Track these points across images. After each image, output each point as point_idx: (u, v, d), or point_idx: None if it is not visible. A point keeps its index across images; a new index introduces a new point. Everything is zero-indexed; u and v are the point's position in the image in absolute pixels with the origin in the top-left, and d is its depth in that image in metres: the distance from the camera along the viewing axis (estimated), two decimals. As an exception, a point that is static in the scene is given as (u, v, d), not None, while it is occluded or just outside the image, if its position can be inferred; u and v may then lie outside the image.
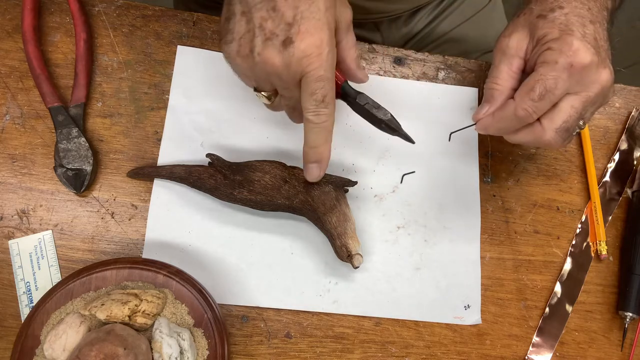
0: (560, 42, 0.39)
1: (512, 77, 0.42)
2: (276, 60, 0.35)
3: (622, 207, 0.54)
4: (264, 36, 0.35)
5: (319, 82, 0.36)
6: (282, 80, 0.37)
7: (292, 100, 0.39)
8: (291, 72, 0.36)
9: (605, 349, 0.51)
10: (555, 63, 0.38)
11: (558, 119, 0.40)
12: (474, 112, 0.44)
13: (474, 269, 0.50)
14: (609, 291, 0.52)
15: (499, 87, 0.42)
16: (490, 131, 0.43)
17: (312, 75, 0.36)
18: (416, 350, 0.48)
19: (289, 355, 0.47)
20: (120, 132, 0.49)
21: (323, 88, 0.37)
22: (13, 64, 0.49)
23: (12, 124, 0.48)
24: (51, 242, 0.46)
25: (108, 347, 0.37)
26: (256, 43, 0.36)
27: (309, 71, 0.36)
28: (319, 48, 0.35)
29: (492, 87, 0.42)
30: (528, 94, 0.39)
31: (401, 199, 0.51)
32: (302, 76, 0.36)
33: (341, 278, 0.48)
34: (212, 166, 0.47)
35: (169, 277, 0.43)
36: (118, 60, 0.51)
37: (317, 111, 0.38)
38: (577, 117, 0.40)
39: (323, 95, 0.37)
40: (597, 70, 0.39)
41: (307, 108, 0.38)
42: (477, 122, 0.43)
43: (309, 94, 0.37)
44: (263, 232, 0.49)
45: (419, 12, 0.69)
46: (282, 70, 0.36)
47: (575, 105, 0.39)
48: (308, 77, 0.36)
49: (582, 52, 0.38)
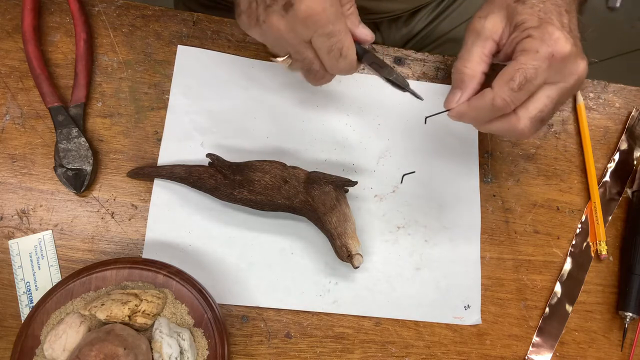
0: (540, 31, 0.38)
1: (483, 60, 0.41)
2: (280, 25, 0.36)
3: (622, 207, 0.54)
4: (265, 4, 0.36)
5: (332, 38, 0.36)
6: (291, 44, 0.37)
7: (306, 62, 0.39)
8: (298, 34, 0.36)
9: (605, 349, 0.51)
10: (536, 52, 0.37)
11: (534, 109, 0.39)
12: (446, 99, 0.42)
13: (474, 269, 0.50)
14: (609, 291, 0.52)
15: (469, 71, 0.40)
16: (465, 119, 0.41)
17: (321, 33, 0.36)
18: (416, 350, 0.48)
19: (289, 355, 0.47)
20: (120, 132, 0.49)
21: (338, 42, 0.37)
22: (13, 64, 0.49)
23: (12, 124, 0.48)
24: (51, 242, 0.46)
25: (108, 347, 0.37)
26: (259, 12, 0.36)
27: (316, 29, 0.36)
28: (320, 4, 0.35)
29: (463, 70, 0.41)
30: (507, 84, 0.37)
31: (401, 199, 0.51)
32: (312, 37, 0.36)
33: (341, 278, 0.48)
34: (212, 166, 0.47)
35: (169, 277, 0.43)
36: (118, 60, 0.51)
37: (338, 66, 0.38)
38: (553, 108, 0.39)
39: (339, 49, 0.37)
40: (575, 60, 0.38)
41: (327, 65, 0.38)
42: (450, 110, 0.41)
43: (325, 52, 0.37)
44: (263, 232, 0.49)
45: (419, 13, 0.69)
46: (288, 33, 0.36)
47: (551, 96, 0.39)
48: (319, 36, 0.36)
49: (562, 42, 0.37)
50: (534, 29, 0.38)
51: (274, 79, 0.52)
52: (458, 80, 0.41)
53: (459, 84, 0.41)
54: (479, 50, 0.40)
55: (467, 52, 0.41)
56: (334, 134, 0.52)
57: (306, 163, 0.50)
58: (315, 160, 0.51)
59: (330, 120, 0.52)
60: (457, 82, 0.41)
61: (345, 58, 0.38)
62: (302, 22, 0.35)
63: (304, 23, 0.35)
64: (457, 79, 0.41)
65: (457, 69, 0.41)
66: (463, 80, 0.40)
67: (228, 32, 0.53)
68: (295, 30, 0.36)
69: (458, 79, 0.41)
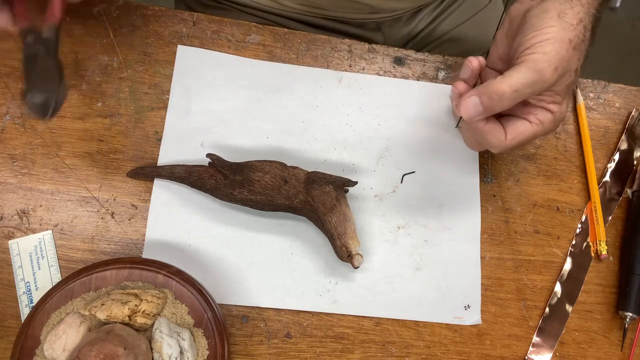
0: (561, 108, 0.42)
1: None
2: None
3: (622, 207, 0.54)
4: None
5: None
6: None
7: None
8: None
9: (605, 349, 0.51)
10: (547, 128, 0.42)
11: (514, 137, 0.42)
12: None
13: (474, 269, 0.50)
14: (609, 291, 0.52)
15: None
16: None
17: None
18: (416, 350, 0.48)
19: (289, 355, 0.47)
20: (120, 132, 0.49)
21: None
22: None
23: (12, 124, 0.48)
24: (51, 242, 0.46)
25: (108, 347, 0.37)
26: None
27: None
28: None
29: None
30: (510, 137, 0.42)
31: (401, 199, 0.51)
32: None
33: (341, 278, 0.48)
34: (212, 166, 0.47)
35: (169, 277, 0.43)
36: (118, 60, 0.51)
37: None
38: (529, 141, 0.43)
39: None
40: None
41: None
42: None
43: None
44: (263, 232, 0.49)
45: (420, 12, 0.69)
46: None
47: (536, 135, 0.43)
48: None
49: (565, 110, 0.42)
50: (559, 103, 0.41)
51: (274, 79, 0.52)
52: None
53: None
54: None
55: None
56: (334, 134, 0.52)
57: (306, 163, 0.50)
58: (315, 160, 0.51)
59: (330, 120, 0.52)
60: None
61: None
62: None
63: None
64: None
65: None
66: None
67: (228, 32, 0.53)
68: None
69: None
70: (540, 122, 0.41)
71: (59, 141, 0.48)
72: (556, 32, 0.39)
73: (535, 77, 0.38)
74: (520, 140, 0.42)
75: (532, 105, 0.42)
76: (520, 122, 0.42)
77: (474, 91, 0.40)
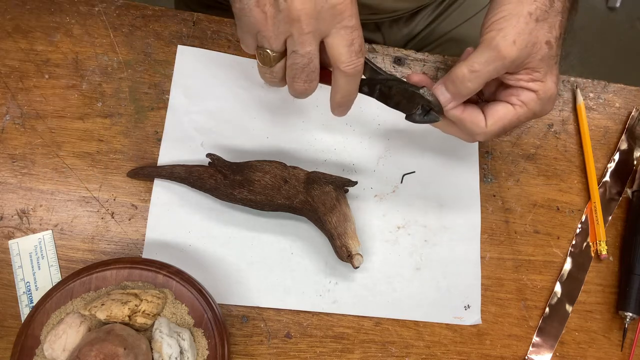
0: (544, 87, 0.41)
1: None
2: (306, 6, 0.33)
3: (622, 207, 0.54)
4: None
5: (355, 32, 0.35)
6: (304, 32, 0.34)
7: (306, 58, 0.36)
8: (320, 21, 0.34)
9: (605, 349, 0.51)
10: (533, 111, 0.41)
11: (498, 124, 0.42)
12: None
13: (474, 269, 0.50)
14: (609, 291, 0.52)
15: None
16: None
17: (347, 24, 0.35)
18: (416, 350, 0.48)
19: (289, 355, 0.47)
20: (120, 132, 0.49)
21: (359, 37, 0.35)
22: (13, 64, 0.49)
23: (12, 124, 0.48)
24: (51, 242, 0.46)
25: (108, 347, 0.37)
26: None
27: (343, 19, 0.34)
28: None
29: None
30: (494, 122, 0.41)
31: (401, 199, 0.51)
32: (333, 27, 0.35)
33: (341, 278, 0.48)
34: (212, 166, 0.47)
35: (169, 277, 0.43)
36: (118, 60, 0.51)
37: (356, 62, 0.36)
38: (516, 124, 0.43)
39: (360, 45, 0.36)
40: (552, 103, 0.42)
41: (344, 61, 0.36)
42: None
43: (346, 45, 0.35)
44: (263, 232, 0.49)
45: (420, 13, 0.69)
46: (310, 18, 0.34)
47: (521, 119, 0.42)
48: (343, 27, 0.35)
49: (553, 94, 0.41)
50: (540, 80, 0.40)
51: (274, 79, 0.52)
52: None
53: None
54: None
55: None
56: (333, 134, 0.52)
57: (306, 163, 0.50)
58: (315, 160, 0.51)
59: (330, 120, 0.52)
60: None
61: (362, 55, 0.36)
62: (331, 9, 0.34)
63: (332, 10, 0.34)
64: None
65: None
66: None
67: (228, 32, 0.53)
68: (318, 17, 0.34)
69: None
70: (524, 103, 0.40)
71: (59, 141, 0.48)
72: (512, 8, 0.38)
73: (491, 55, 0.38)
74: (503, 124, 0.41)
75: (511, 86, 0.41)
76: (501, 106, 0.41)
77: (440, 80, 0.40)
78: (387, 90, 0.41)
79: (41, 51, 0.49)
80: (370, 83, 0.41)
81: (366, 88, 0.41)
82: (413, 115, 0.42)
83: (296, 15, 0.34)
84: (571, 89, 0.57)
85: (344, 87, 0.38)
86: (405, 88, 0.40)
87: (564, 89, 0.57)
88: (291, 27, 0.35)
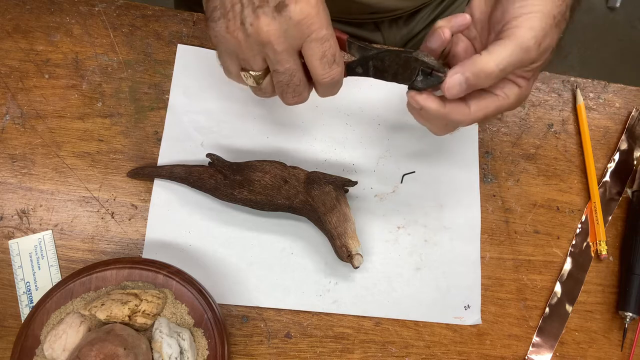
0: (529, 83, 0.40)
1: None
2: (271, 27, 0.33)
3: (622, 207, 0.54)
4: (254, 5, 0.33)
5: (325, 43, 0.35)
6: (278, 52, 0.34)
7: (287, 75, 0.37)
8: (289, 39, 0.34)
9: (605, 349, 0.51)
10: (514, 104, 0.40)
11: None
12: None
13: (474, 269, 0.50)
14: (609, 291, 0.52)
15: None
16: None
17: (316, 37, 0.34)
18: (416, 350, 0.48)
19: (289, 355, 0.47)
20: (120, 132, 0.49)
21: (331, 47, 0.35)
22: (13, 64, 0.49)
23: (12, 124, 0.48)
24: (51, 242, 0.46)
25: (108, 347, 0.37)
26: (246, 14, 0.33)
27: (311, 33, 0.34)
28: (315, 7, 0.33)
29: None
30: (479, 109, 0.39)
31: (401, 199, 0.51)
32: (304, 41, 0.34)
33: (341, 278, 0.48)
34: (212, 166, 0.47)
35: (169, 277, 0.43)
36: (118, 60, 0.51)
37: (330, 73, 0.36)
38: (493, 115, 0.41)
39: (333, 55, 0.35)
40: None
41: (319, 73, 0.36)
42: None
43: (318, 58, 0.35)
44: (263, 232, 0.49)
45: (420, 13, 0.69)
46: (279, 37, 0.34)
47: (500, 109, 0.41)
48: (312, 40, 0.34)
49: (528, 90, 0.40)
50: (527, 78, 0.39)
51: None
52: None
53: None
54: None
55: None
56: (334, 134, 0.52)
57: (306, 163, 0.50)
58: (315, 160, 0.51)
59: (330, 120, 0.52)
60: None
61: (338, 65, 0.36)
62: (297, 25, 0.33)
63: (298, 26, 0.33)
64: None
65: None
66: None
67: (228, 32, 0.53)
68: (286, 35, 0.34)
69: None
70: (507, 96, 0.39)
71: (59, 141, 0.48)
72: (544, 6, 0.36)
73: (522, 56, 0.36)
74: (485, 112, 0.40)
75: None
76: (487, 94, 0.40)
77: (457, 68, 0.37)
78: (380, 64, 0.39)
79: (41, 51, 0.49)
80: (362, 63, 0.40)
81: (360, 69, 0.40)
82: (414, 82, 0.39)
83: (265, 37, 0.34)
84: (571, 89, 0.57)
85: (325, 92, 0.39)
86: (397, 54, 0.39)
87: (564, 89, 0.57)
88: (264, 49, 0.35)
